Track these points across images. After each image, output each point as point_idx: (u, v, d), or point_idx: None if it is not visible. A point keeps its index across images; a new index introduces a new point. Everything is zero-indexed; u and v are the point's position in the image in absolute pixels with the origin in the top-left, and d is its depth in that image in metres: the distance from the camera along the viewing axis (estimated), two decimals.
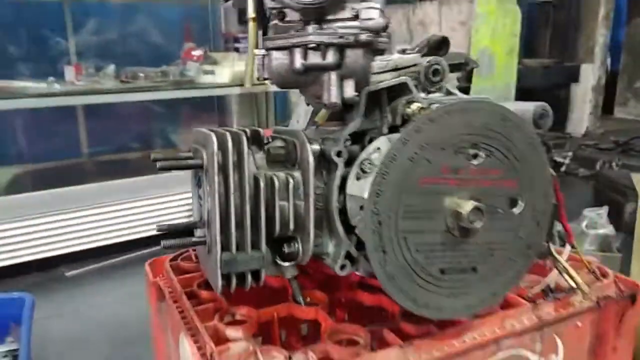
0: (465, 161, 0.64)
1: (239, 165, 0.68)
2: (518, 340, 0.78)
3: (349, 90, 0.64)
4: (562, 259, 0.80)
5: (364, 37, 0.60)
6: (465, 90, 1.90)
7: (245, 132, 0.75)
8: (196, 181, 0.80)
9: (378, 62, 0.76)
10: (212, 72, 2.29)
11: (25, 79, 2.35)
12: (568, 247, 0.83)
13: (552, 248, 0.80)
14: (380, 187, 0.61)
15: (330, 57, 0.61)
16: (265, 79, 0.66)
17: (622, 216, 2.42)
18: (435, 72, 0.80)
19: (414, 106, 0.73)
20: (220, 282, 0.70)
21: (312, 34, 0.60)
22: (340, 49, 0.62)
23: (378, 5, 0.62)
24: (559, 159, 3.67)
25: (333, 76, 0.63)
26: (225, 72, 2.28)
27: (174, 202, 2.25)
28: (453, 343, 0.72)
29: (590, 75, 4.05)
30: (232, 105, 2.91)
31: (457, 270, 0.66)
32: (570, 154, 3.67)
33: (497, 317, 0.77)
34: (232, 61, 2.43)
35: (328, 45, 0.61)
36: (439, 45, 1.53)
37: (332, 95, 0.64)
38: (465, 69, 1.88)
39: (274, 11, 0.63)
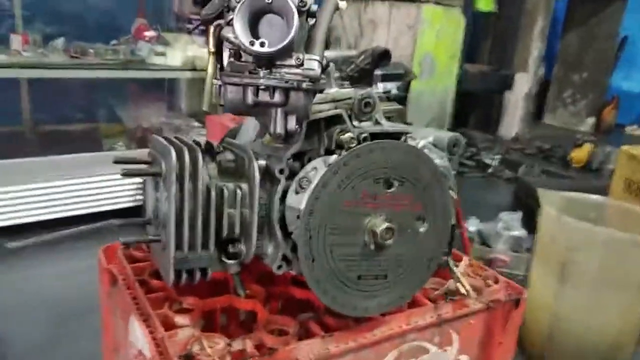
0: (382, 189, 0.79)
1: (194, 175, 0.79)
2: (420, 334, 0.95)
3: (292, 123, 0.77)
4: (457, 270, 0.97)
5: (304, 84, 0.73)
6: (403, 99, 2.07)
7: (199, 144, 0.86)
8: (154, 184, 0.90)
9: (318, 95, 0.89)
10: (163, 54, 2.32)
11: None
12: (466, 258, 1.00)
13: (450, 261, 0.97)
14: (313, 208, 0.74)
15: (277, 97, 0.73)
16: (221, 105, 0.77)
17: (535, 220, 2.70)
18: (367, 104, 0.94)
19: (346, 135, 0.86)
20: (172, 277, 0.81)
21: (263, 78, 0.72)
22: (286, 91, 0.74)
23: (317, 58, 0.75)
24: (487, 161, 3.96)
25: (279, 112, 0.75)
26: (177, 55, 2.33)
27: (119, 180, 2.29)
28: (366, 335, 0.87)
29: (524, 83, 4.37)
30: (182, 87, 2.94)
31: (372, 276, 0.81)
32: (498, 156, 3.96)
33: (404, 314, 0.93)
34: (184, 44, 2.47)
35: (275, 88, 0.73)
36: (382, 57, 1.69)
37: (278, 128, 0.76)
38: (404, 79, 2.06)
39: (232, 50, 0.74)
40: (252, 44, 0.70)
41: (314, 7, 0.76)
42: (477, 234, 2.66)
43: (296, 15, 0.69)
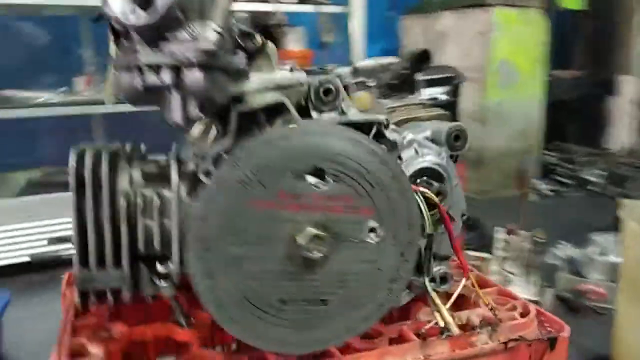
0: (308, 187, 0.61)
1: (94, 182, 0.68)
2: None
3: (192, 109, 0.62)
4: (435, 295, 0.74)
5: (191, 58, 0.58)
6: (452, 104, 1.82)
7: (121, 148, 0.75)
8: None
9: (257, 80, 0.74)
10: None
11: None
12: (463, 280, 0.77)
13: (428, 283, 0.75)
14: (206, 212, 0.58)
15: (166, 77, 0.60)
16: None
17: None
18: (327, 92, 0.77)
19: (293, 127, 0.70)
20: (76, 298, 0.69)
21: (144, 55, 0.59)
22: (176, 69, 0.60)
23: (215, 27, 0.60)
24: (588, 177, 3.47)
25: (173, 95, 0.62)
26: None
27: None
28: None
29: (629, 87, 3.79)
30: None
31: (302, 301, 0.63)
32: (601, 172, 3.45)
33: (375, 353, 0.72)
34: None
35: (162, 66, 0.59)
36: (420, 59, 1.48)
37: (173, 115, 0.62)
38: (452, 83, 1.81)
39: (119, 29, 0.62)
40: (122, 15, 0.57)
41: None
42: (567, 261, 2.26)
43: None
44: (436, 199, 0.73)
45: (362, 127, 0.77)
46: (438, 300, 0.72)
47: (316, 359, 0.69)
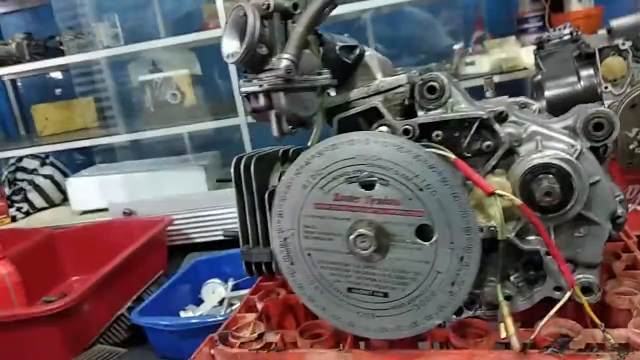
0: (359, 190, 0.67)
1: (248, 179, 0.90)
2: None
3: (284, 126, 0.76)
4: (504, 304, 0.65)
5: (269, 85, 0.71)
6: None
7: (283, 152, 0.95)
8: None
9: (360, 89, 0.82)
10: (472, 63, 2.30)
11: None
12: (568, 293, 0.66)
13: (499, 291, 0.67)
14: (281, 209, 0.72)
15: (261, 101, 0.75)
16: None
17: None
18: (431, 89, 0.78)
19: (382, 130, 0.76)
20: (244, 268, 0.94)
21: (243, 85, 0.76)
22: (266, 94, 0.74)
23: (287, 56, 0.71)
24: None
25: (271, 115, 0.76)
26: (484, 61, 2.25)
27: None
28: None
29: None
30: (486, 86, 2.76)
31: (366, 292, 0.70)
32: None
33: (463, 354, 0.72)
34: (502, 47, 2.35)
35: (256, 93, 0.75)
36: None
37: (274, 131, 0.77)
38: None
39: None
40: (227, 56, 0.76)
41: (287, 5, 0.74)
42: None
43: (250, 22, 0.71)
44: (513, 198, 0.66)
45: (465, 122, 0.75)
46: (506, 310, 0.66)
47: (408, 344, 0.75)
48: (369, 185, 0.67)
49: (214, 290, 1.94)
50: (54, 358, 1.60)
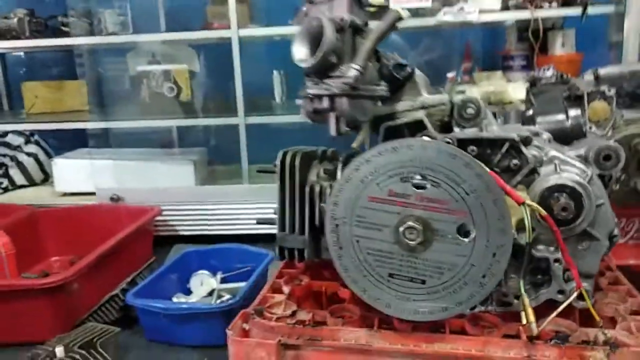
0: (411, 188, 0.78)
1: (292, 173, 0.99)
2: None
3: (342, 126, 0.86)
4: (525, 296, 0.78)
5: (337, 90, 0.82)
6: None
7: (322, 152, 1.04)
8: None
9: (406, 102, 0.94)
10: (462, 92, 2.47)
11: None
12: (574, 294, 0.79)
13: (522, 285, 0.79)
14: (337, 199, 0.82)
15: (325, 103, 0.85)
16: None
17: None
18: (469, 110, 0.90)
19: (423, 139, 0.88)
20: (277, 252, 1.03)
21: (311, 88, 0.86)
22: (332, 98, 0.85)
23: (356, 66, 0.82)
24: None
25: (330, 117, 0.87)
26: (474, 91, 2.43)
27: None
28: (421, 344, 0.84)
29: None
30: None
31: (406, 278, 0.80)
32: None
33: (480, 340, 0.84)
34: (489, 80, 2.54)
35: (322, 96, 0.85)
36: None
37: (331, 130, 0.88)
38: None
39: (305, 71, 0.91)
40: (299, 60, 0.86)
41: (359, 22, 0.85)
42: None
43: (327, 34, 0.81)
44: (540, 209, 0.79)
45: (497, 142, 0.87)
46: (526, 301, 0.78)
47: (429, 329, 0.86)
48: (420, 186, 0.78)
49: (203, 282, 1.99)
50: (45, 331, 1.62)
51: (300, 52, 0.86)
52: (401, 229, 0.78)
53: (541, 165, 0.87)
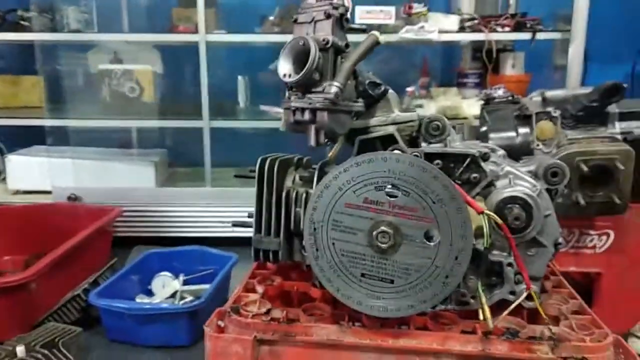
0: (385, 196, 0.86)
1: (270, 179, 1.05)
2: None
3: (321, 138, 0.94)
4: (482, 295, 0.88)
5: (319, 104, 0.89)
6: None
7: (298, 159, 1.11)
8: None
9: (379, 118, 1.02)
10: (421, 106, 2.60)
11: None
12: (524, 293, 0.90)
13: (479, 286, 0.89)
14: (316, 204, 0.89)
15: (307, 116, 0.92)
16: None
17: None
18: (435, 127, 0.99)
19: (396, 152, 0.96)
20: (252, 254, 1.08)
21: (294, 101, 0.93)
22: (312, 111, 0.92)
23: (336, 84, 0.90)
24: None
25: (311, 129, 0.94)
26: (432, 105, 2.56)
27: None
28: (388, 340, 0.92)
29: None
30: None
31: (376, 278, 0.88)
32: None
33: (440, 335, 0.92)
34: (445, 96, 2.69)
35: (304, 109, 0.92)
36: (609, 93, 1.59)
37: (311, 141, 0.95)
38: None
39: (288, 85, 0.97)
40: (283, 75, 0.93)
41: (341, 44, 0.92)
42: None
43: (312, 53, 0.88)
44: (497, 218, 0.89)
45: (459, 157, 0.97)
46: (484, 299, 0.88)
47: (395, 326, 0.93)
48: (393, 194, 0.86)
49: (165, 283, 2.01)
50: (2, 330, 1.59)
51: (284, 68, 0.93)
52: (374, 233, 0.86)
53: (497, 179, 0.97)
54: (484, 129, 1.77)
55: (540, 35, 2.49)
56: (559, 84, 2.63)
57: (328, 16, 0.91)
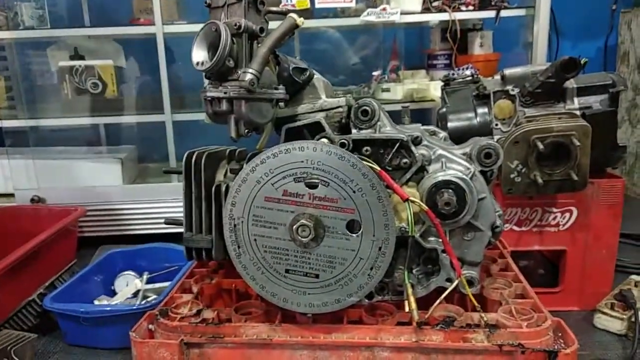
0: (304, 188, 0.82)
1: (197, 174, 1.00)
2: (393, 356, 0.87)
3: (242, 128, 0.89)
4: (409, 286, 0.84)
5: (234, 93, 0.84)
6: (609, 114, 1.76)
7: (230, 151, 1.06)
8: None
9: (306, 105, 0.97)
10: (388, 90, 2.55)
11: None
12: (456, 281, 0.86)
13: (406, 276, 0.86)
14: (234, 199, 0.85)
15: (224, 106, 0.87)
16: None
17: None
18: (364, 112, 0.95)
19: (324, 141, 0.92)
20: (185, 253, 1.04)
21: (209, 91, 0.88)
22: (229, 100, 0.87)
23: (251, 71, 0.85)
24: None
25: (230, 119, 0.89)
26: (399, 89, 2.51)
27: None
28: (320, 336, 0.89)
29: None
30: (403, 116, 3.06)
31: (301, 273, 0.84)
32: None
33: (373, 328, 0.89)
34: (412, 78, 2.64)
35: (220, 99, 0.87)
36: (566, 68, 1.55)
37: (231, 132, 0.90)
38: (610, 91, 1.77)
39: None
40: (197, 64, 0.88)
41: (255, 28, 0.87)
42: None
43: (223, 38, 0.83)
44: (421, 204, 0.85)
45: (389, 142, 0.93)
46: (410, 290, 0.84)
47: (328, 321, 0.90)
48: (312, 185, 0.82)
49: (128, 282, 1.96)
50: None
51: (198, 56, 0.88)
52: (295, 226, 0.81)
53: (429, 164, 0.93)
54: (443, 110, 1.72)
55: (505, 13, 2.44)
56: (529, 62, 2.59)
57: (239, 0, 0.85)
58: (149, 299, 1.87)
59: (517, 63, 2.60)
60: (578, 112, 1.61)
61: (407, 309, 0.84)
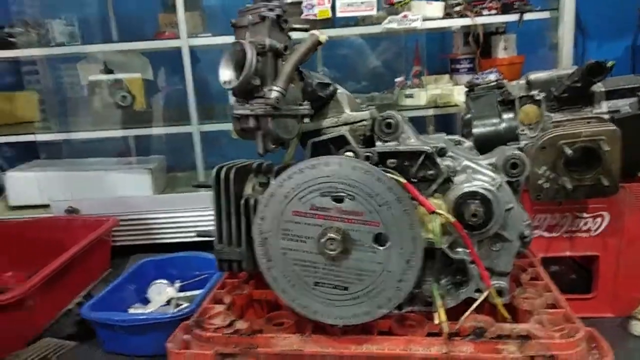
0: (331, 202, 0.83)
1: (227, 187, 1.03)
2: None
3: (269, 144, 0.91)
4: (438, 297, 0.85)
5: (260, 110, 0.87)
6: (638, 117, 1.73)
7: (258, 165, 1.08)
8: None
9: (331, 119, 0.99)
10: (411, 96, 2.55)
11: None
12: (486, 292, 0.86)
13: (435, 287, 0.86)
14: (264, 214, 0.87)
15: (251, 123, 0.90)
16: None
17: None
18: (388, 125, 0.96)
19: (349, 155, 0.93)
20: (216, 265, 1.07)
21: (236, 108, 0.90)
22: (256, 118, 0.89)
23: (277, 88, 0.87)
24: None
25: (258, 136, 0.91)
26: (422, 95, 2.51)
27: None
28: (350, 347, 0.90)
29: None
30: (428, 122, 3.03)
31: (330, 285, 0.86)
32: None
33: (403, 339, 0.90)
34: (436, 84, 2.63)
35: (248, 116, 0.89)
36: (592, 72, 1.54)
37: (259, 148, 0.92)
38: (638, 94, 1.74)
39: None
40: (224, 82, 0.90)
41: (279, 46, 0.89)
42: None
43: (249, 58, 0.86)
44: (449, 217, 0.85)
45: (413, 154, 0.94)
46: (439, 302, 0.85)
47: (358, 332, 0.91)
48: (338, 199, 0.83)
49: (161, 291, 2.01)
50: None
51: (225, 75, 0.90)
52: (322, 240, 0.83)
53: (455, 175, 0.93)
54: (467, 116, 1.72)
55: (529, 16, 2.41)
56: (556, 65, 2.55)
57: (263, 19, 0.88)
58: (181, 307, 1.91)
59: (542, 64, 2.56)
60: (606, 116, 1.58)
61: (436, 321, 0.85)
